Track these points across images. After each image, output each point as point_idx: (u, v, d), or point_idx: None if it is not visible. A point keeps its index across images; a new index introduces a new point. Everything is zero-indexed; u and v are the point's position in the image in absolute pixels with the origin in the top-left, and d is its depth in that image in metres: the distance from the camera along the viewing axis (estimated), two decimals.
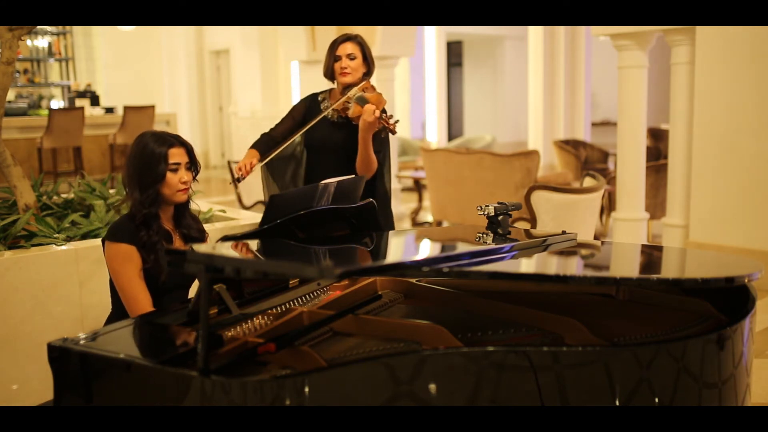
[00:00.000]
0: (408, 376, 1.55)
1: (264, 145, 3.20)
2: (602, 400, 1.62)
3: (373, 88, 3.15)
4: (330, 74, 3.18)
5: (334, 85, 3.24)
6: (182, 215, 2.37)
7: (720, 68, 4.84)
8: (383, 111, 2.94)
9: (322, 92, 3.28)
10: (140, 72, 12.61)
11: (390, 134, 3.02)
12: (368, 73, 3.17)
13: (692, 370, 1.68)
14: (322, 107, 3.20)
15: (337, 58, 3.11)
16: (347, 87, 3.13)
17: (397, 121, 2.98)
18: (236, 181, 3.10)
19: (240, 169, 3.05)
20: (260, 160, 3.15)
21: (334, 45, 3.13)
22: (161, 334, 1.87)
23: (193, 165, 2.31)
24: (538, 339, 1.88)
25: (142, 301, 2.18)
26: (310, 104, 3.26)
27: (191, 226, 2.39)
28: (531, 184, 4.33)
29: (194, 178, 2.33)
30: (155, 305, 2.22)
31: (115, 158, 8.89)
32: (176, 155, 2.24)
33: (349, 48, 3.10)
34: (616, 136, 5.71)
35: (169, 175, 2.23)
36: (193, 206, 2.46)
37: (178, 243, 2.33)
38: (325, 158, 3.17)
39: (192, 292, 2.40)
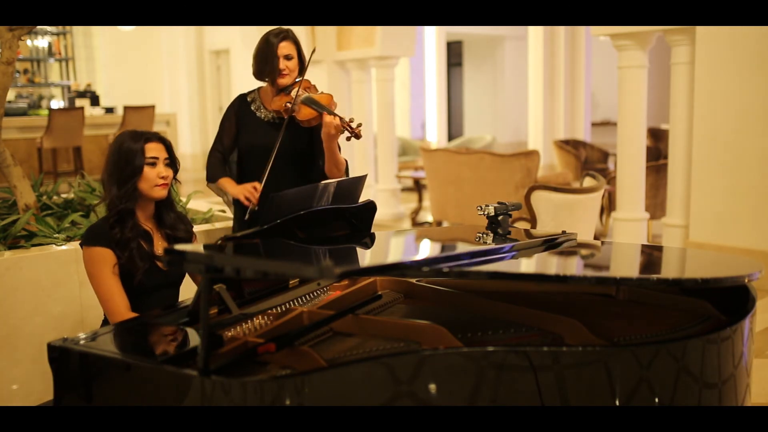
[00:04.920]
0: (408, 376, 1.55)
1: (223, 167, 3.00)
2: (602, 400, 1.62)
3: (315, 87, 3.00)
4: (269, 74, 2.94)
5: (263, 84, 3.04)
6: (165, 214, 2.32)
7: (720, 68, 4.84)
8: (341, 117, 2.80)
9: (249, 92, 3.08)
10: (140, 72, 12.61)
11: (355, 139, 2.84)
12: (300, 71, 3.00)
13: (692, 370, 1.68)
14: (252, 108, 3.02)
15: (277, 59, 2.90)
16: (281, 89, 2.96)
17: (359, 125, 2.83)
18: (251, 213, 2.84)
19: (250, 201, 2.83)
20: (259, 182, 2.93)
21: (270, 45, 2.91)
22: (161, 334, 1.87)
23: (172, 162, 2.28)
24: (538, 339, 1.88)
25: (117, 302, 2.15)
26: (239, 105, 3.05)
27: (177, 227, 2.34)
28: (531, 184, 4.33)
29: (175, 177, 2.31)
30: (134, 305, 2.19)
31: None
32: (153, 150, 2.23)
33: (285, 48, 2.91)
34: (616, 136, 5.71)
35: (146, 169, 2.21)
36: (193, 205, 2.45)
37: (159, 243, 2.29)
38: (267, 161, 2.92)
39: (182, 291, 2.40)
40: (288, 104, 2.89)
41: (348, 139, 2.87)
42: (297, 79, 2.98)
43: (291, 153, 2.97)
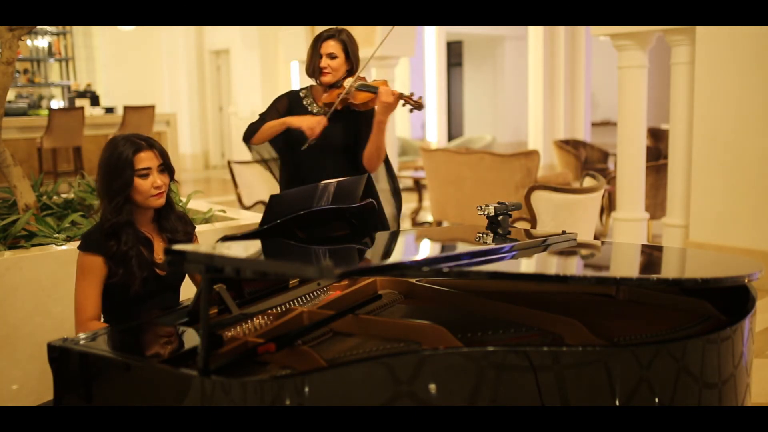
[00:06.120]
0: (408, 376, 1.55)
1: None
2: (602, 400, 1.62)
3: (365, 80, 3.05)
4: (313, 72, 3.07)
5: (314, 82, 3.13)
6: (165, 218, 2.25)
7: (720, 68, 4.84)
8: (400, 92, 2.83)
9: (301, 89, 3.16)
10: (140, 72, 12.61)
11: (417, 110, 2.88)
12: (350, 72, 3.05)
13: (692, 370, 1.68)
14: (305, 103, 3.09)
15: (320, 57, 3.01)
16: (332, 85, 3.03)
17: (420, 97, 2.85)
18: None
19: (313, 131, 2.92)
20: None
21: (317, 42, 3.02)
22: (161, 335, 1.87)
23: (167, 167, 2.18)
24: (538, 339, 1.88)
25: (86, 311, 2.11)
26: (292, 99, 3.13)
27: (177, 229, 2.27)
28: (531, 184, 4.33)
29: (172, 179, 2.21)
30: (128, 315, 2.14)
31: None
32: (145, 160, 2.12)
33: (330, 46, 2.99)
34: (616, 136, 5.71)
35: (138, 181, 2.11)
36: (193, 206, 2.42)
37: (159, 248, 2.23)
38: (319, 155, 3.03)
39: (182, 293, 2.38)
40: (339, 95, 2.97)
41: (411, 111, 2.92)
42: (343, 77, 3.04)
43: (339, 146, 3.03)
